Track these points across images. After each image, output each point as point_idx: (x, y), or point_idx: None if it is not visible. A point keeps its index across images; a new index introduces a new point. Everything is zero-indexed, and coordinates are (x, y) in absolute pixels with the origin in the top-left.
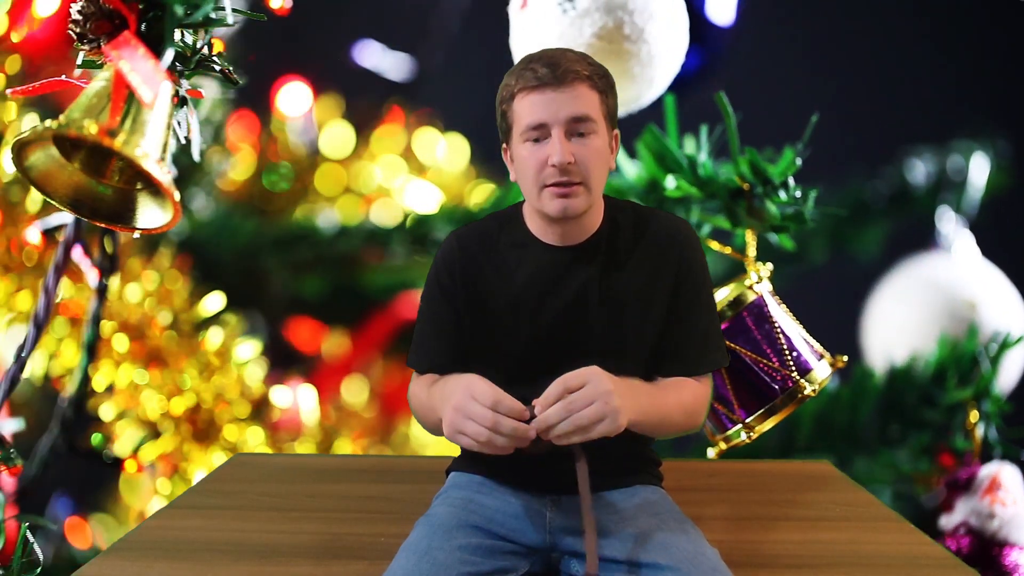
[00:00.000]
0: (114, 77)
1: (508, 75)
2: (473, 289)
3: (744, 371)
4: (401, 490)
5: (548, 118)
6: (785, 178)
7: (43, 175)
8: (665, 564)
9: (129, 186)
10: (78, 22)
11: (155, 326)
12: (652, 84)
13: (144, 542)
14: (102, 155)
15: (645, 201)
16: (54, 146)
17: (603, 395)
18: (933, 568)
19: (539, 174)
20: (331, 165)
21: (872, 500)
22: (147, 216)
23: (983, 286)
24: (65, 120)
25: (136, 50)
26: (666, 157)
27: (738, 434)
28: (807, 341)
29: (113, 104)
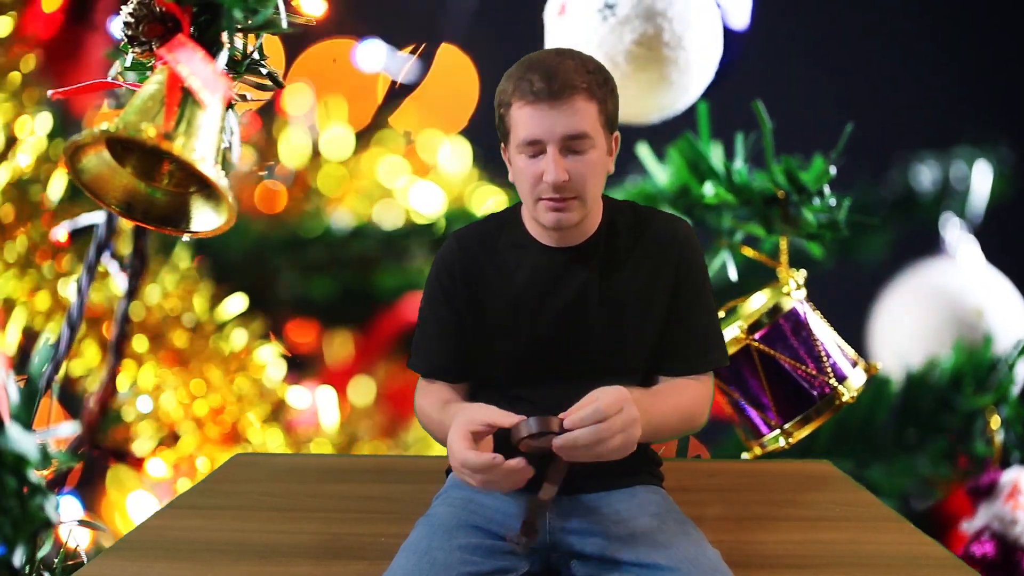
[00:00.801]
0: (168, 80)
1: (506, 79)
2: (473, 290)
3: (783, 377)
4: (401, 490)
5: (544, 135)
6: (820, 186)
7: (95, 179)
8: (665, 564)
9: (181, 189)
10: (130, 24)
11: (176, 327)
12: (687, 90)
13: (144, 542)
14: (154, 158)
15: (677, 207)
16: (107, 150)
17: (631, 424)
18: (933, 568)
19: (535, 188)
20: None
21: (872, 500)
22: (201, 219)
23: (989, 293)
24: (121, 123)
25: (195, 54)
26: (699, 164)
27: (776, 440)
28: (841, 348)
29: (168, 107)
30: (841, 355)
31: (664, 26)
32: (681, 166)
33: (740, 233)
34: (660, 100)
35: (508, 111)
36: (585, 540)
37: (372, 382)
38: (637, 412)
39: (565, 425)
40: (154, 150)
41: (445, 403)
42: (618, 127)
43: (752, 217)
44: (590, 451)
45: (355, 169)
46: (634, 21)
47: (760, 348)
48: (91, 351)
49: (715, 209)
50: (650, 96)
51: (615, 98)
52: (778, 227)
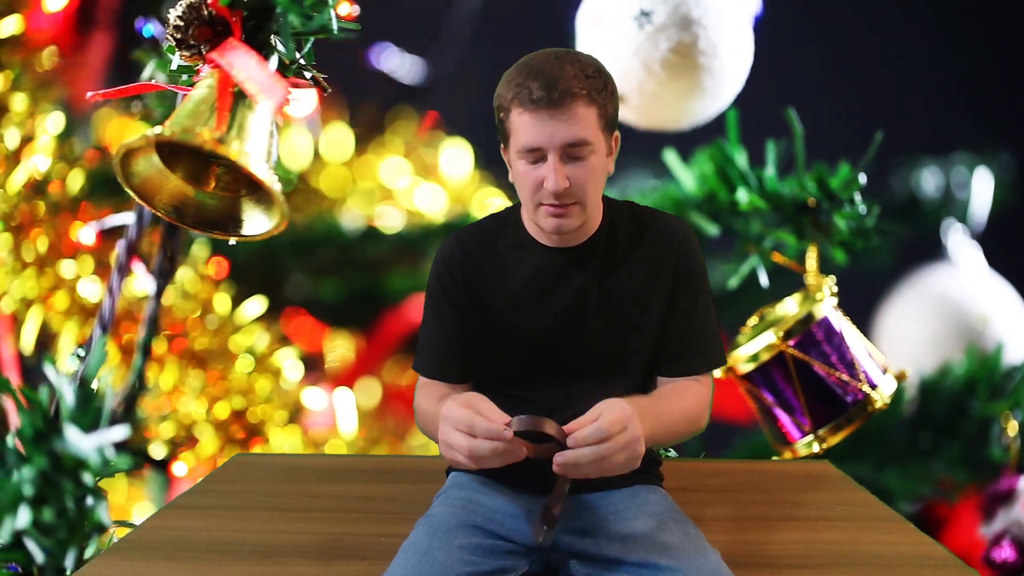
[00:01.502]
0: (218, 83)
1: (504, 83)
2: (473, 290)
3: (816, 383)
4: (401, 490)
5: (543, 143)
6: (851, 194)
7: (144, 183)
8: (665, 565)
9: (228, 193)
10: (179, 28)
11: (196, 328)
12: (719, 97)
13: (144, 542)
14: (203, 162)
15: (703, 213)
16: (156, 154)
17: (635, 442)
18: (933, 568)
19: (535, 193)
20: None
21: (872, 500)
22: (252, 223)
23: (993, 299)
24: (173, 127)
25: (250, 58)
26: (728, 170)
27: (810, 446)
28: (871, 354)
29: (219, 111)
30: (871, 362)
31: (699, 34)
32: (710, 172)
33: (769, 239)
34: (694, 107)
35: (507, 116)
36: (585, 540)
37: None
38: (641, 430)
39: (568, 443)
40: (208, 154)
41: (441, 397)
42: (618, 126)
43: (782, 224)
44: (593, 468)
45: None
46: (670, 29)
47: (795, 355)
48: (110, 351)
49: (743, 215)
50: (684, 103)
51: (615, 100)
52: (809, 234)
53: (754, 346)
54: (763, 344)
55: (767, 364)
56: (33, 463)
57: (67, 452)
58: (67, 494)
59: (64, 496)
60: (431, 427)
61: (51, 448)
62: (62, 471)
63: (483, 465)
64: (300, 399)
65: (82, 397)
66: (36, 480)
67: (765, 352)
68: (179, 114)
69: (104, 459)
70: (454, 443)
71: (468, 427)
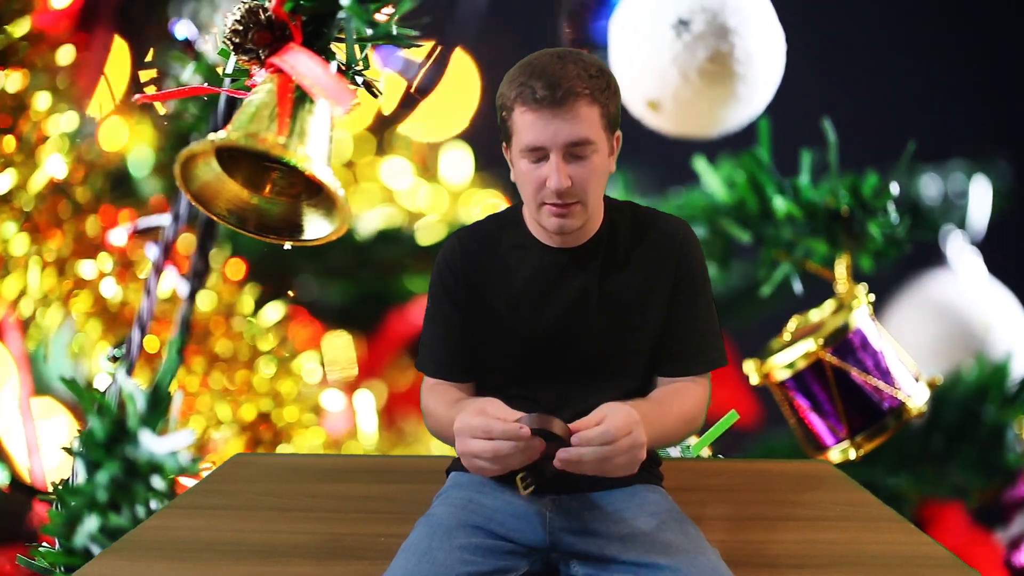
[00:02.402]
0: (278, 88)
1: (507, 82)
2: (475, 289)
3: (854, 391)
4: (401, 490)
5: (546, 142)
6: (885, 203)
7: (203, 188)
8: (665, 564)
9: (284, 197)
10: (237, 32)
11: (219, 329)
12: (750, 106)
13: (144, 542)
14: (260, 167)
15: (730, 220)
16: (216, 160)
17: (638, 447)
18: (933, 568)
19: (537, 192)
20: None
21: (872, 500)
22: (314, 227)
23: (994, 306)
24: (238, 132)
25: (315, 63)
26: (760, 179)
27: (846, 452)
28: (904, 362)
29: (280, 115)
30: (904, 369)
31: (736, 43)
32: (741, 180)
33: (801, 248)
34: (726, 115)
35: (510, 115)
36: (585, 540)
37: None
38: (644, 438)
39: (573, 441)
40: (273, 159)
41: (455, 401)
42: (619, 125)
43: (814, 232)
44: (594, 468)
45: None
46: (708, 38)
47: (833, 362)
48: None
49: (773, 223)
50: (718, 111)
51: (617, 99)
52: (842, 242)
53: (792, 353)
54: (801, 351)
55: (803, 370)
56: (106, 468)
57: (140, 457)
58: (139, 499)
59: (136, 501)
60: (442, 431)
61: (123, 453)
62: (135, 476)
63: (508, 466)
64: (319, 401)
65: (154, 401)
66: (109, 486)
67: (803, 359)
68: (240, 119)
69: (178, 463)
70: (475, 451)
71: (485, 432)
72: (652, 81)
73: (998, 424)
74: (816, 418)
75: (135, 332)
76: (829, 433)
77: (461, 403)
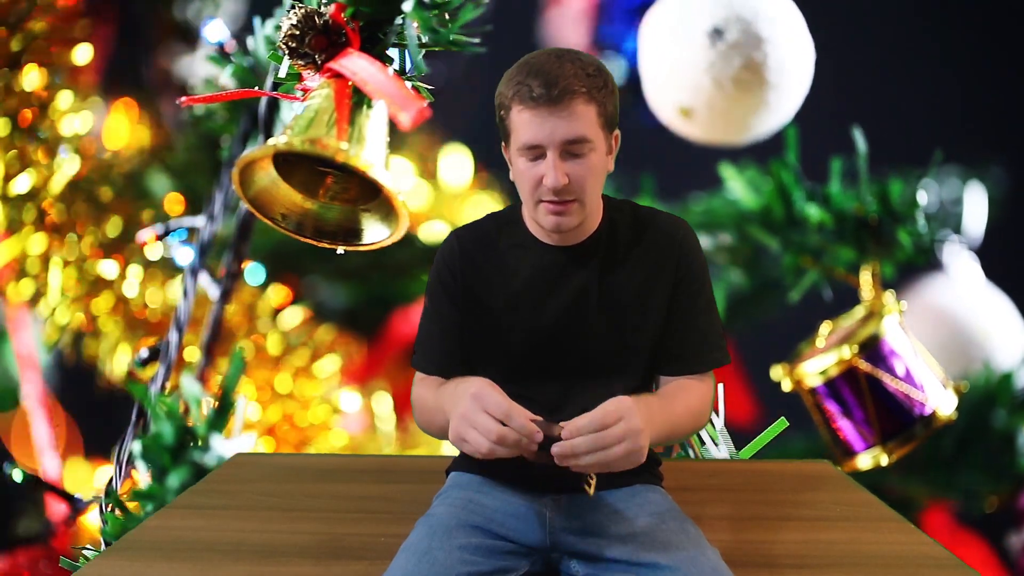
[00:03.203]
0: (336, 94)
1: (505, 82)
2: (473, 288)
3: (886, 398)
4: (401, 490)
5: (543, 140)
6: (914, 211)
7: (259, 193)
8: (665, 564)
9: (339, 202)
10: (294, 37)
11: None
12: (779, 114)
13: (144, 542)
14: (314, 172)
15: (753, 225)
16: (272, 165)
17: (634, 434)
18: (933, 568)
19: (535, 190)
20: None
21: (872, 500)
22: (372, 232)
23: (991, 311)
24: (298, 138)
25: (380, 70)
26: (788, 186)
27: (877, 458)
28: (932, 370)
29: (340, 121)
30: (934, 377)
31: (769, 52)
32: (770, 188)
33: (829, 255)
34: (759, 123)
35: (508, 114)
36: (585, 540)
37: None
38: (640, 423)
39: (562, 434)
40: (338, 165)
41: (440, 386)
42: (618, 125)
43: (842, 239)
44: (592, 459)
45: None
46: (743, 47)
47: (867, 370)
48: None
49: (799, 230)
50: (751, 119)
51: (615, 98)
52: (871, 250)
53: (825, 360)
54: (835, 358)
55: (835, 378)
56: (176, 472)
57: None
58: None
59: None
60: (432, 416)
61: (191, 458)
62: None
63: (496, 454)
64: (336, 402)
65: (223, 406)
66: (179, 490)
67: (836, 367)
68: (298, 124)
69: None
70: (481, 425)
71: (504, 415)
72: (685, 88)
73: (1008, 430)
74: (846, 424)
75: (172, 334)
76: (859, 439)
77: (446, 385)
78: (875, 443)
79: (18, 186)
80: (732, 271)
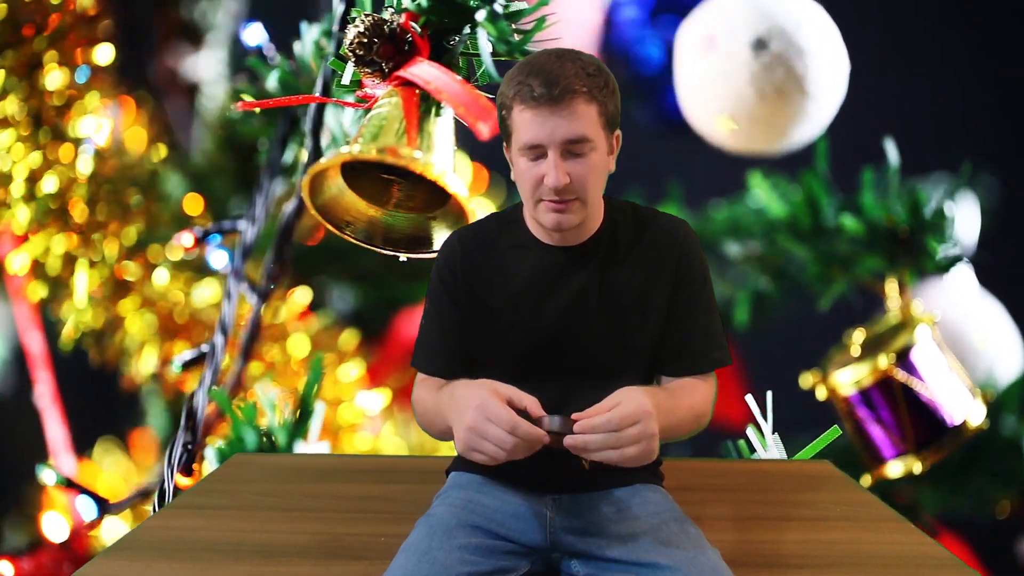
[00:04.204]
0: (404, 102)
1: (507, 82)
2: (474, 288)
3: (918, 406)
4: (401, 490)
5: (544, 139)
6: (944, 223)
7: (327, 202)
8: (665, 564)
9: (405, 210)
10: (363, 45)
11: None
12: (816, 122)
13: (144, 542)
14: (382, 181)
15: (781, 235)
16: (340, 174)
17: (649, 437)
18: (933, 568)
19: (535, 190)
20: None
21: (872, 500)
22: (440, 239)
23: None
24: (370, 146)
25: (453, 79)
26: (818, 196)
27: (909, 465)
28: (963, 379)
29: (410, 129)
30: (964, 386)
31: (810, 64)
32: (799, 198)
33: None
34: (796, 133)
35: (509, 114)
36: (585, 539)
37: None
38: (656, 428)
39: (576, 429)
40: (411, 174)
41: (440, 387)
42: (619, 125)
43: (870, 248)
44: (603, 456)
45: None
46: (785, 58)
47: (902, 379)
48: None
49: (828, 239)
50: (790, 129)
51: (616, 98)
52: (901, 260)
53: (861, 369)
54: (871, 367)
55: (869, 387)
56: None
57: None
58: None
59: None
60: (433, 417)
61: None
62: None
63: (509, 459)
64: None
65: (303, 413)
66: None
67: (871, 376)
68: (367, 133)
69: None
70: (492, 437)
71: (511, 427)
72: (727, 98)
73: (1016, 437)
74: (878, 431)
75: (217, 336)
76: (890, 446)
77: (446, 387)
78: (908, 451)
79: (43, 186)
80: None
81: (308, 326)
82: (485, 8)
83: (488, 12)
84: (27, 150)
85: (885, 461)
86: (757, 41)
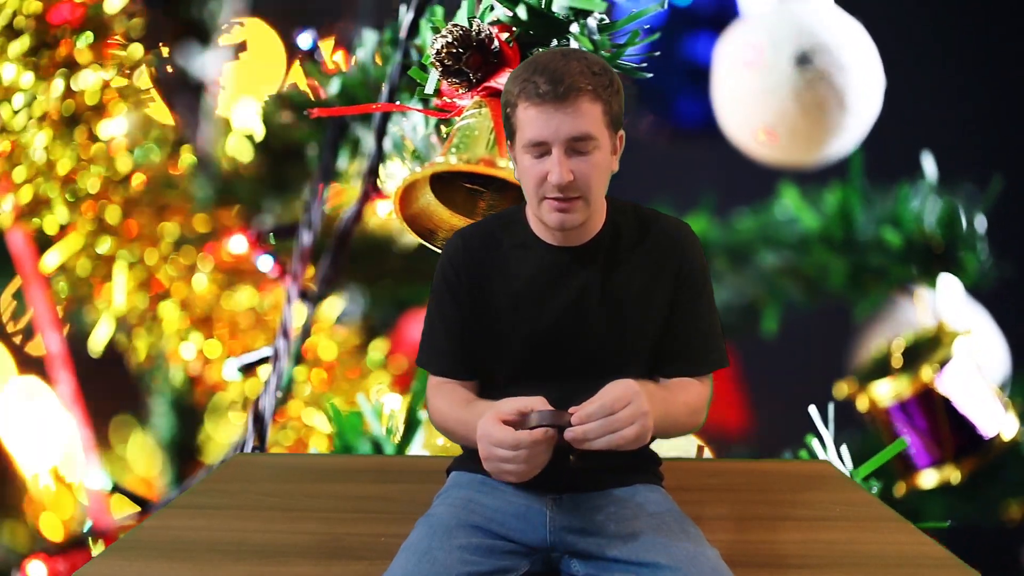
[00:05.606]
0: (494, 112)
1: (512, 79)
2: (477, 287)
3: (957, 418)
4: (401, 490)
5: (548, 136)
6: (977, 238)
7: (417, 213)
8: (665, 564)
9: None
10: (452, 55)
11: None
12: (851, 136)
13: (144, 542)
14: (468, 193)
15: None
16: (429, 185)
17: (642, 416)
18: (933, 568)
19: (539, 188)
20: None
21: (872, 500)
22: None
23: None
24: (462, 158)
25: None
26: (853, 208)
27: (949, 475)
28: (995, 392)
29: (500, 141)
30: (996, 399)
31: (851, 79)
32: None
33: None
34: (833, 146)
35: (514, 111)
36: (585, 539)
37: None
38: (647, 406)
39: (572, 421)
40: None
41: (467, 402)
42: (623, 125)
43: (904, 261)
44: (604, 443)
45: None
46: (828, 74)
47: (941, 391)
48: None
49: (860, 252)
50: (828, 143)
51: (620, 98)
52: (934, 273)
53: (901, 381)
54: (911, 379)
55: (908, 398)
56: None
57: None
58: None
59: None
60: (453, 429)
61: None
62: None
63: (537, 466)
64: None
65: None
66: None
67: (911, 387)
68: (458, 144)
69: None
70: (504, 459)
71: (513, 445)
72: (769, 111)
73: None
74: (915, 441)
75: (279, 340)
76: (925, 455)
77: (476, 405)
78: (943, 461)
79: (79, 186)
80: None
81: (334, 334)
82: (579, 21)
83: (581, 26)
84: (61, 150)
85: (918, 470)
86: (801, 56)
